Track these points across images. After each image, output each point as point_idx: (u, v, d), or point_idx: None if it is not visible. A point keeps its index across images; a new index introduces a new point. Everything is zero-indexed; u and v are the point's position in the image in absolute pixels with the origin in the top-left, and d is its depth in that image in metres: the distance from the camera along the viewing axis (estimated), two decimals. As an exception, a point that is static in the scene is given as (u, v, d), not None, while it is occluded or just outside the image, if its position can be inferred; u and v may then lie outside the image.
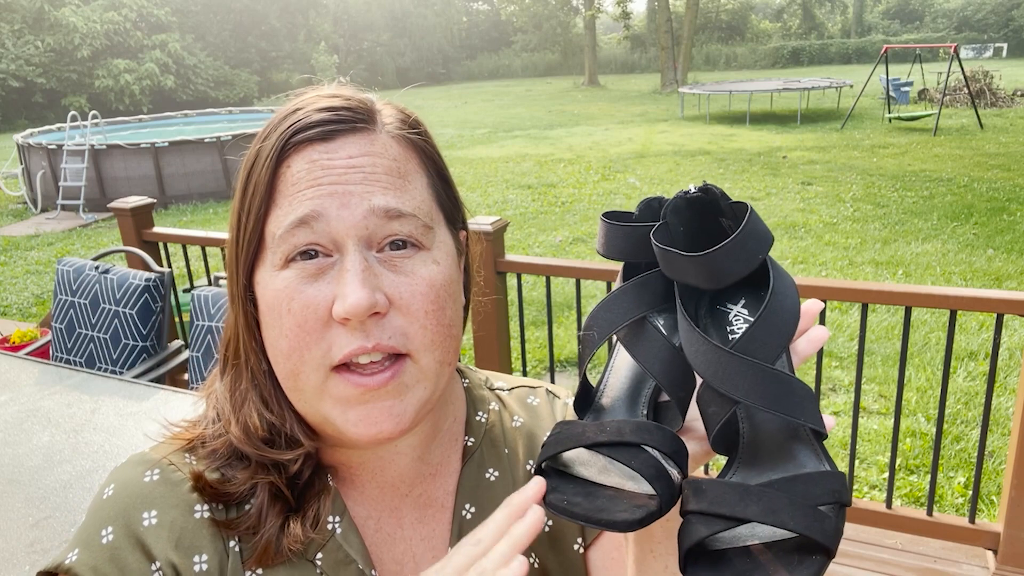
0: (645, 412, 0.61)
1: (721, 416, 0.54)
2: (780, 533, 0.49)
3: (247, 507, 0.66)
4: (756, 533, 0.51)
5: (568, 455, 0.60)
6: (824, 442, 0.53)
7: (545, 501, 0.55)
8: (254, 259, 0.64)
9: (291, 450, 0.66)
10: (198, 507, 0.65)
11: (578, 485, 0.57)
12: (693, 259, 0.53)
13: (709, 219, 0.59)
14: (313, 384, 0.61)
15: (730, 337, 0.59)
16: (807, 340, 0.57)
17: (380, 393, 0.61)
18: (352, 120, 0.63)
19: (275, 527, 0.65)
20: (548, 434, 0.60)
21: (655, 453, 0.55)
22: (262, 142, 0.64)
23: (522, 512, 0.54)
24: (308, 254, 0.61)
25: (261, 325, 0.65)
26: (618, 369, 0.65)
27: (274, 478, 0.66)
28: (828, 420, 0.53)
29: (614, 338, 0.63)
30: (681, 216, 0.58)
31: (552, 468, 0.59)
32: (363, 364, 0.61)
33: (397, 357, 0.62)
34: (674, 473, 0.55)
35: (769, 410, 0.51)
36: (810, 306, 0.58)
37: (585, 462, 0.59)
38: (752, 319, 0.55)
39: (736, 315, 0.60)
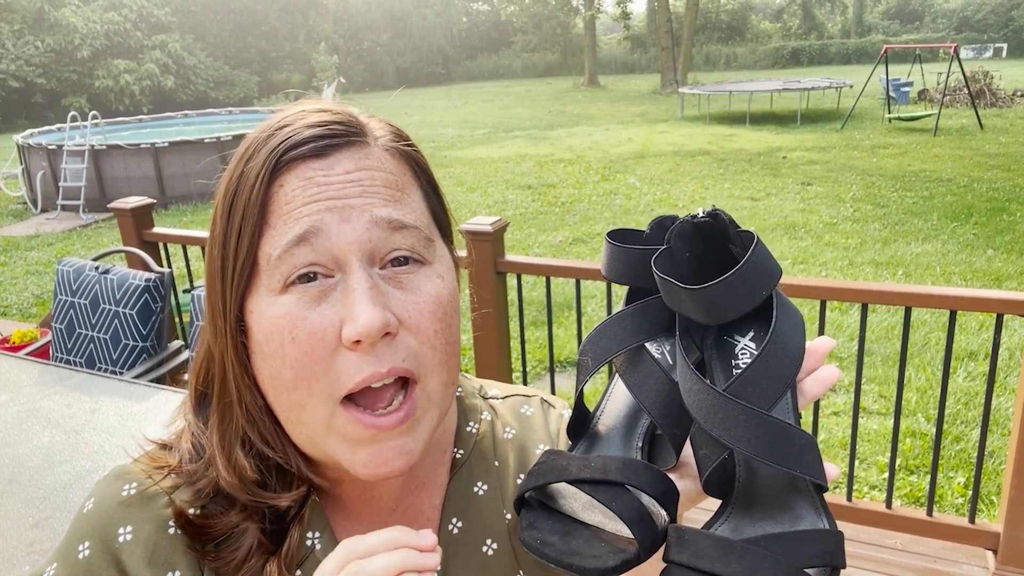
0: (640, 444, 0.58)
1: (713, 460, 0.51)
2: None
3: (229, 539, 0.64)
4: None
5: (554, 486, 0.57)
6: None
7: (520, 537, 0.53)
8: (246, 286, 0.60)
9: (287, 492, 0.63)
10: (172, 523, 0.64)
11: (557, 522, 0.54)
12: (690, 292, 0.50)
13: (717, 245, 0.56)
14: (320, 417, 0.58)
15: (734, 372, 0.56)
16: (814, 380, 0.55)
17: (392, 433, 0.58)
18: (345, 134, 0.60)
19: (257, 567, 0.63)
20: (535, 462, 0.58)
21: (640, 494, 0.52)
22: (246, 163, 0.60)
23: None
24: (308, 277, 0.57)
25: (253, 356, 0.60)
26: (616, 397, 0.63)
27: (263, 525, 0.63)
28: (831, 470, 0.50)
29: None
30: (687, 241, 0.55)
31: (536, 499, 0.56)
32: (375, 390, 0.58)
33: (406, 386, 0.59)
34: (660, 516, 0.52)
35: (762, 460, 0.48)
36: (819, 344, 0.55)
37: (571, 495, 0.57)
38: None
39: (743, 348, 0.57)
